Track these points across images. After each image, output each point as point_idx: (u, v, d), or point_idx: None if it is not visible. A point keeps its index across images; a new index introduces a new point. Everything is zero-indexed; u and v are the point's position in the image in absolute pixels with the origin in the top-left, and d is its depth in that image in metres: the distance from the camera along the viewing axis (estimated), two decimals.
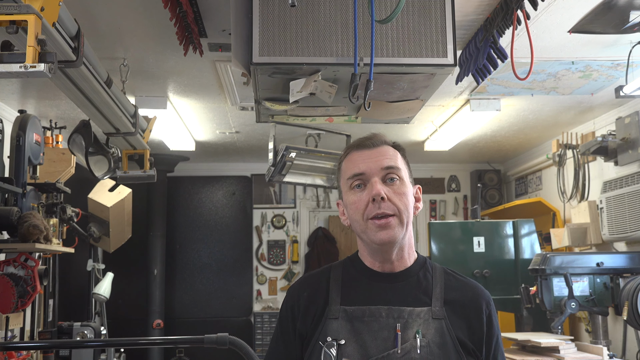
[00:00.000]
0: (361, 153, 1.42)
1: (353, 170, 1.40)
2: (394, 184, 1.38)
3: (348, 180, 1.41)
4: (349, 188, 1.41)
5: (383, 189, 1.35)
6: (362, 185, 1.39)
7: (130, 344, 3.68)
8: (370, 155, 1.40)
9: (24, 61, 1.58)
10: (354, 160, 1.42)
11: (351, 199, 1.39)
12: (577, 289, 3.70)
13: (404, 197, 1.37)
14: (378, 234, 1.35)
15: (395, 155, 1.42)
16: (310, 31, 2.29)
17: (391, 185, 1.38)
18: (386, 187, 1.37)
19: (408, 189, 1.40)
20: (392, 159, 1.40)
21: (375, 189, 1.35)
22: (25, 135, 3.21)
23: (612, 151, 4.31)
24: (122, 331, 5.53)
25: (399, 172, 1.39)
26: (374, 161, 1.39)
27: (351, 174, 1.40)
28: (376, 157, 1.39)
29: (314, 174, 3.96)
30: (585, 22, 2.88)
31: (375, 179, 1.37)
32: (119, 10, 2.77)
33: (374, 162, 1.39)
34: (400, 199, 1.36)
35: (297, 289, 1.48)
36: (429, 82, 2.51)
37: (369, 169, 1.38)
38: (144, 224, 6.10)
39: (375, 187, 1.35)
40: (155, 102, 4.02)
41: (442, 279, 1.42)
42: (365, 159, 1.40)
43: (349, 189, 1.41)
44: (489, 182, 6.69)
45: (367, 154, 1.41)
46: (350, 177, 1.40)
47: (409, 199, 1.38)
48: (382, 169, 1.38)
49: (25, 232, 2.98)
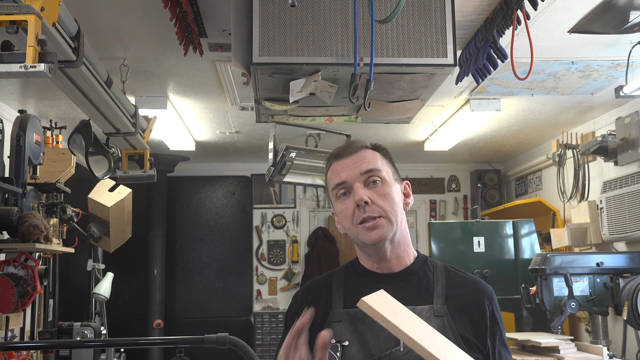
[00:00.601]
0: (341, 162, 1.45)
1: (335, 180, 1.43)
2: (376, 187, 1.40)
3: (333, 190, 1.45)
4: (336, 197, 1.44)
5: (366, 193, 1.38)
6: (347, 193, 1.42)
7: (130, 344, 3.69)
8: (348, 163, 1.43)
9: (24, 61, 1.58)
10: (335, 170, 1.45)
11: (339, 208, 1.43)
12: (577, 289, 3.70)
13: (388, 197, 1.40)
14: (368, 235, 1.38)
15: (374, 157, 1.45)
16: (310, 31, 2.29)
17: (374, 187, 1.40)
18: (369, 190, 1.39)
19: (392, 188, 1.42)
20: (371, 162, 1.43)
21: (358, 194, 1.38)
22: (25, 135, 3.21)
23: (612, 151, 4.31)
24: (122, 331, 5.53)
25: (380, 174, 1.42)
26: (352, 168, 1.42)
27: (334, 184, 1.44)
28: (354, 164, 1.42)
29: (314, 174, 3.96)
30: (585, 22, 2.88)
31: (357, 184, 1.40)
32: (119, 10, 2.77)
33: (352, 168, 1.42)
34: (384, 200, 1.39)
35: (302, 294, 1.51)
36: (429, 82, 2.51)
37: (349, 177, 1.41)
38: (144, 224, 6.10)
39: (358, 192, 1.38)
40: (155, 102, 4.02)
41: (443, 276, 1.44)
42: (345, 167, 1.43)
43: (335, 198, 1.45)
44: (489, 182, 6.69)
45: (346, 162, 1.44)
46: (334, 188, 1.44)
47: (394, 198, 1.41)
48: (361, 173, 1.41)
49: (26, 232, 2.98)
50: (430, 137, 5.34)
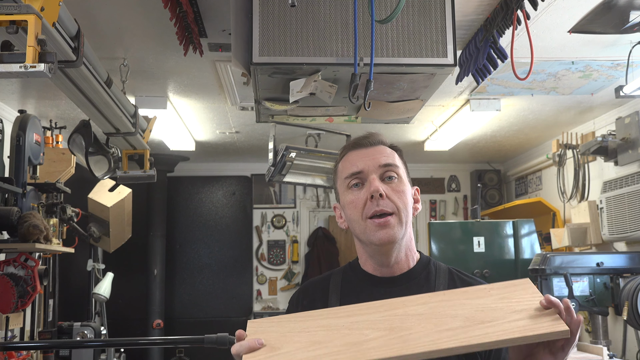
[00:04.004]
0: (358, 152, 1.40)
1: (350, 169, 1.38)
2: (392, 182, 1.36)
3: (345, 179, 1.39)
4: (347, 187, 1.39)
5: (382, 186, 1.33)
6: (360, 184, 1.37)
7: (130, 344, 3.68)
8: (367, 153, 1.39)
9: (24, 61, 1.57)
10: (351, 159, 1.40)
11: (349, 198, 1.37)
12: (577, 289, 3.70)
13: (403, 195, 1.35)
14: (377, 234, 1.32)
15: (392, 154, 1.40)
16: (310, 31, 2.29)
17: (390, 183, 1.35)
18: (385, 184, 1.35)
19: (407, 187, 1.38)
20: (390, 157, 1.38)
21: (374, 185, 1.33)
22: (25, 135, 3.21)
23: (612, 151, 4.31)
24: (122, 331, 5.52)
25: (398, 170, 1.37)
26: (371, 159, 1.37)
27: (349, 172, 1.38)
28: (373, 155, 1.38)
29: (314, 174, 3.95)
30: (585, 22, 2.88)
31: (374, 176, 1.35)
32: (119, 10, 2.76)
33: (371, 159, 1.37)
34: (399, 196, 1.34)
35: (298, 297, 1.47)
36: (429, 82, 2.51)
37: (367, 167, 1.36)
38: (144, 224, 6.10)
39: (374, 184, 1.33)
40: (155, 102, 4.02)
41: (445, 280, 1.38)
42: (363, 157, 1.38)
43: (346, 189, 1.39)
44: (489, 182, 6.69)
45: (365, 152, 1.39)
46: (347, 176, 1.38)
47: (407, 197, 1.36)
48: (380, 166, 1.36)
49: (25, 232, 2.98)
50: (430, 137, 5.34)
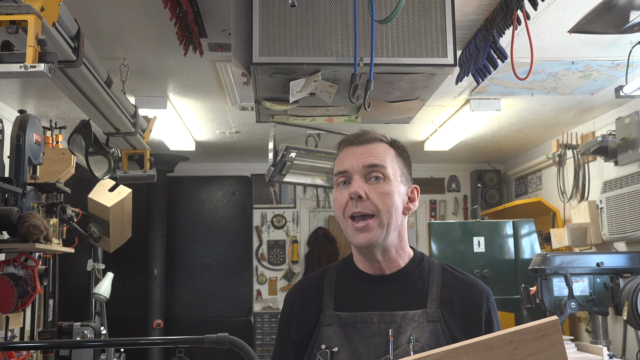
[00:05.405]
0: (349, 150, 1.40)
1: (338, 168, 1.39)
2: (377, 183, 1.35)
3: (335, 177, 1.40)
4: (336, 184, 1.40)
5: (363, 187, 1.33)
6: (347, 182, 1.37)
7: (130, 344, 3.68)
8: (356, 152, 1.38)
9: (24, 61, 1.57)
10: (341, 156, 1.40)
11: (335, 196, 1.39)
12: (577, 289, 3.70)
13: (387, 196, 1.34)
14: (356, 237, 1.33)
15: (385, 152, 1.39)
16: (310, 31, 2.29)
17: (374, 184, 1.35)
18: (368, 185, 1.34)
19: (393, 188, 1.35)
20: (379, 157, 1.37)
21: (353, 187, 1.33)
22: (25, 135, 3.21)
23: (612, 151, 4.31)
24: (122, 331, 5.53)
25: (384, 171, 1.35)
26: (358, 159, 1.37)
27: (337, 171, 1.39)
28: (361, 155, 1.37)
29: (314, 174, 3.95)
30: (585, 22, 2.88)
31: (356, 177, 1.35)
32: (119, 10, 2.76)
33: (358, 159, 1.36)
34: (381, 198, 1.33)
35: (292, 296, 1.47)
36: (429, 82, 2.51)
37: (352, 167, 1.36)
38: (144, 224, 6.09)
39: (354, 185, 1.33)
40: (155, 102, 4.02)
41: (439, 277, 1.39)
42: (351, 156, 1.38)
43: (335, 185, 1.41)
44: (489, 182, 6.69)
45: (354, 150, 1.39)
46: (336, 174, 1.39)
47: (392, 199, 1.34)
48: (364, 167, 1.35)
49: (25, 232, 2.98)
50: (430, 137, 5.34)
